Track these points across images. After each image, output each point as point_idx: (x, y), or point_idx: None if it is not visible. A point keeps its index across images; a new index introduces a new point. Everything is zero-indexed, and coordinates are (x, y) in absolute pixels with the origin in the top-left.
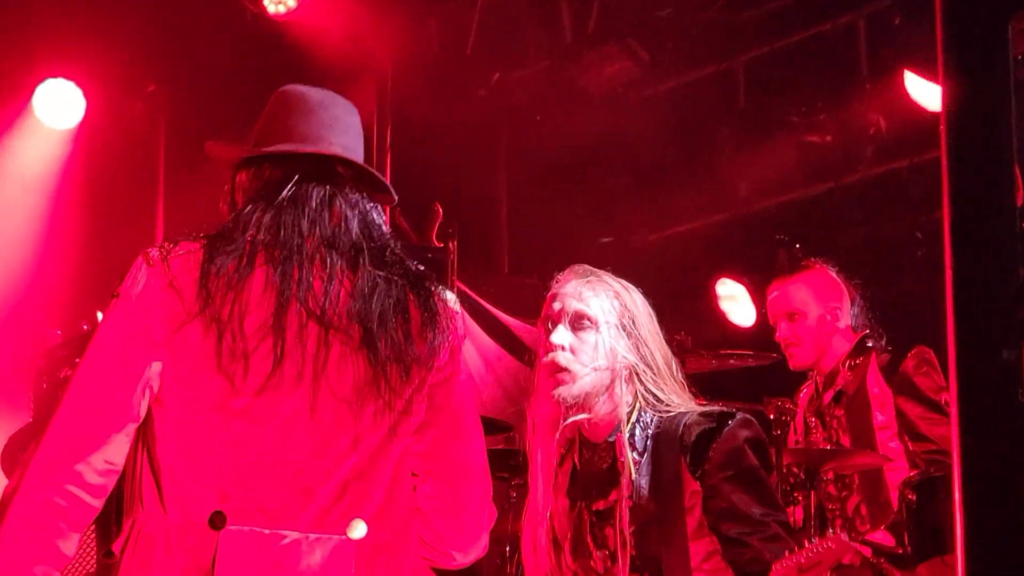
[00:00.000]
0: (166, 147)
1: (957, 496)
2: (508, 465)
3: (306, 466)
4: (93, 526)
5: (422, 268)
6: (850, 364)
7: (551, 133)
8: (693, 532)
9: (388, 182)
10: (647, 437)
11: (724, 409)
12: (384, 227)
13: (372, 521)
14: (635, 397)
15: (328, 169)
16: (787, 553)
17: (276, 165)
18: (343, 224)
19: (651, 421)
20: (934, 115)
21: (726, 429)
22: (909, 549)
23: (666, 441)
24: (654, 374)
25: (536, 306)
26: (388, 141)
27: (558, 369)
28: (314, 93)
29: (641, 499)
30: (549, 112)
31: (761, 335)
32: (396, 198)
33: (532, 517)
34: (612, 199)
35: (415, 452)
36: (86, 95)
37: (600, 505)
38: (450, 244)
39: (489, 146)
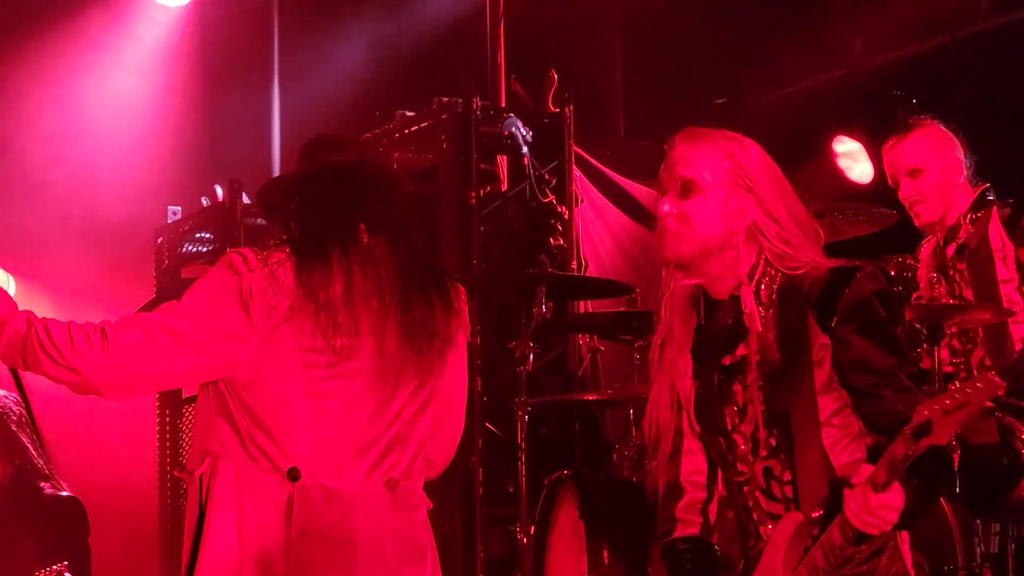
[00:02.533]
0: (280, 23)
1: None
2: (630, 327)
3: (362, 432)
4: None
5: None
6: (972, 217)
7: None
8: (821, 386)
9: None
10: (773, 292)
11: (851, 264)
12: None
13: (402, 476)
14: (759, 254)
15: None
16: (929, 398)
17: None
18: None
19: (777, 276)
20: None
21: (854, 281)
22: None
23: (793, 296)
24: (777, 230)
25: (653, 168)
26: (501, 8)
27: (667, 236)
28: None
29: (768, 353)
30: None
31: (880, 191)
32: None
33: (659, 376)
34: (726, 59)
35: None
36: None
37: (727, 360)
38: (566, 109)
39: (603, 9)
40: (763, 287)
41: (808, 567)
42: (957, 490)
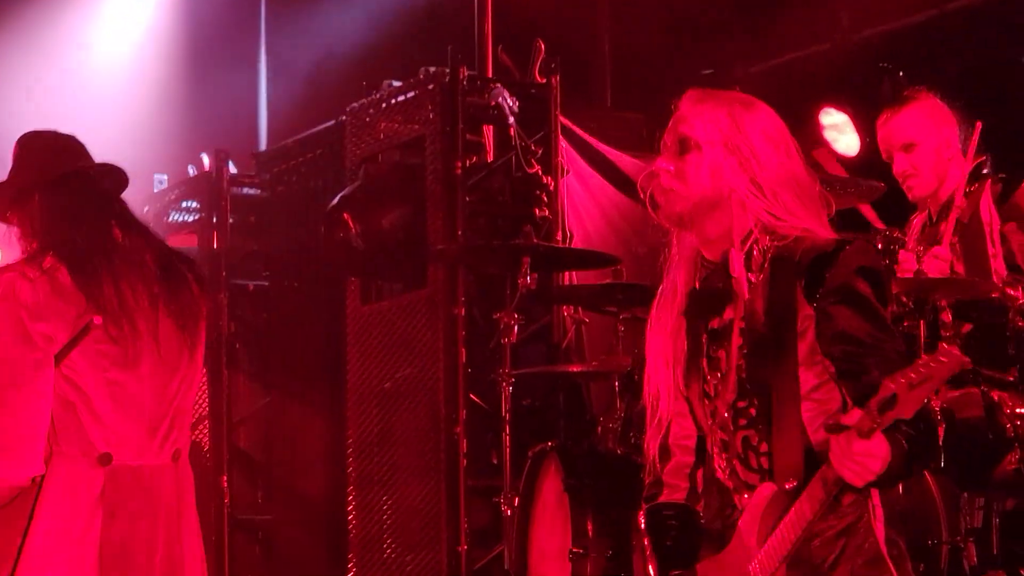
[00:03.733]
0: None
1: None
2: (615, 299)
3: (152, 413)
4: None
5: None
6: (965, 191)
7: None
8: (804, 358)
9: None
10: (764, 260)
11: (844, 236)
12: None
13: (183, 447)
14: (754, 220)
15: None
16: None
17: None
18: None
19: (771, 245)
20: None
21: (843, 253)
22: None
23: (784, 265)
24: (766, 196)
25: (639, 139)
26: None
27: (660, 192)
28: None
29: (755, 321)
30: None
31: (867, 164)
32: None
33: (654, 335)
34: (713, 31)
35: None
36: None
37: (715, 323)
38: (552, 80)
39: None
40: (756, 253)
41: (779, 537)
42: (942, 464)
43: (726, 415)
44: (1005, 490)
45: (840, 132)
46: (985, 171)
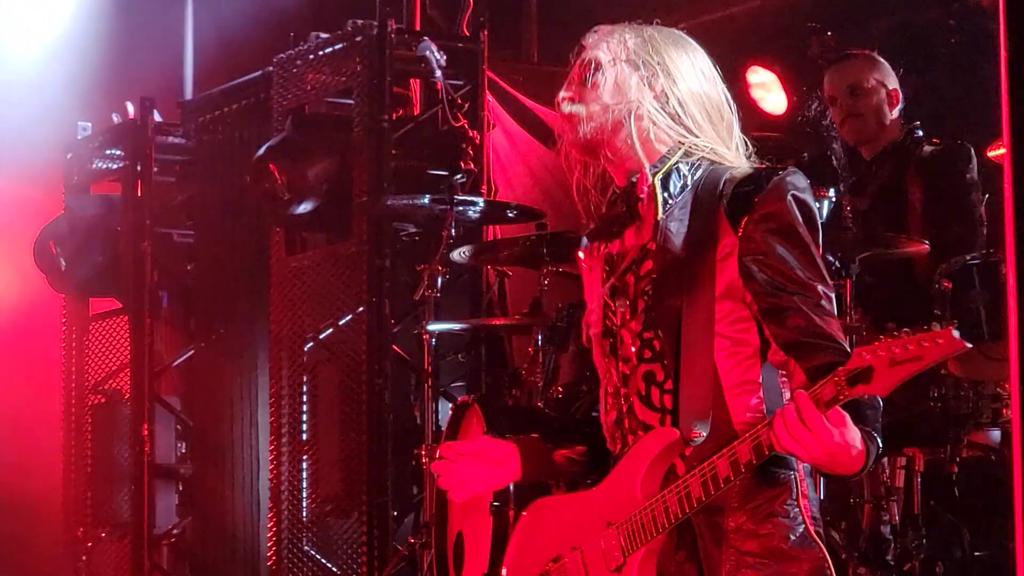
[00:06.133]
0: None
1: (1011, 276)
2: (539, 253)
3: None
4: None
5: None
6: (897, 151)
7: None
8: (721, 291)
9: None
10: (685, 184)
11: (775, 164)
12: None
13: None
14: (663, 138)
15: None
16: (878, 340)
17: None
18: None
19: (692, 170)
20: None
21: (775, 178)
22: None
23: (705, 189)
24: (674, 111)
25: None
26: None
27: (563, 119)
28: None
29: (668, 244)
30: None
31: (793, 123)
32: None
33: (587, 279)
34: None
35: None
36: None
37: (620, 247)
38: (480, 34)
39: None
40: (674, 176)
41: (680, 493)
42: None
43: (631, 346)
44: (927, 450)
45: (767, 91)
46: (919, 134)
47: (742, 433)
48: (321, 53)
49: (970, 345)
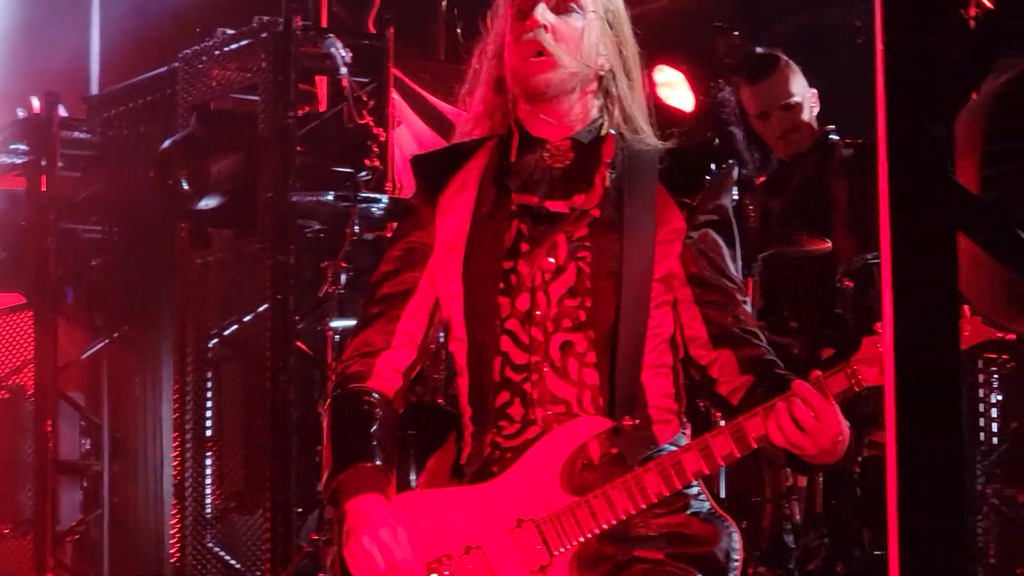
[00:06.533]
0: None
1: (886, 271)
2: None
3: None
4: None
5: None
6: (816, 151)
7: None
8: (661, 275)
9: None
10: (624, 155)
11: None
12: None
13: None
14: (603, 109)
15: None
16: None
17: None
18: None
19: (629, 139)
20: None
21: (725, 167)
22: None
23: (643, 162)
24: (630, 89)
25: None
26: None
27: (539, 50)
28: None
29: (608, 209)
30: None
31: (699, 122)
32: None
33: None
34: None
35: None
36: None
37: (557, 206)
38: (387, 31)
39: None
40: (613, 143)
41: (630, 488)
42: None
43: (550, 311)
44: None
45: (673, 90)
46: (834, 137)
47: (656, 417)
48: (227, 49)
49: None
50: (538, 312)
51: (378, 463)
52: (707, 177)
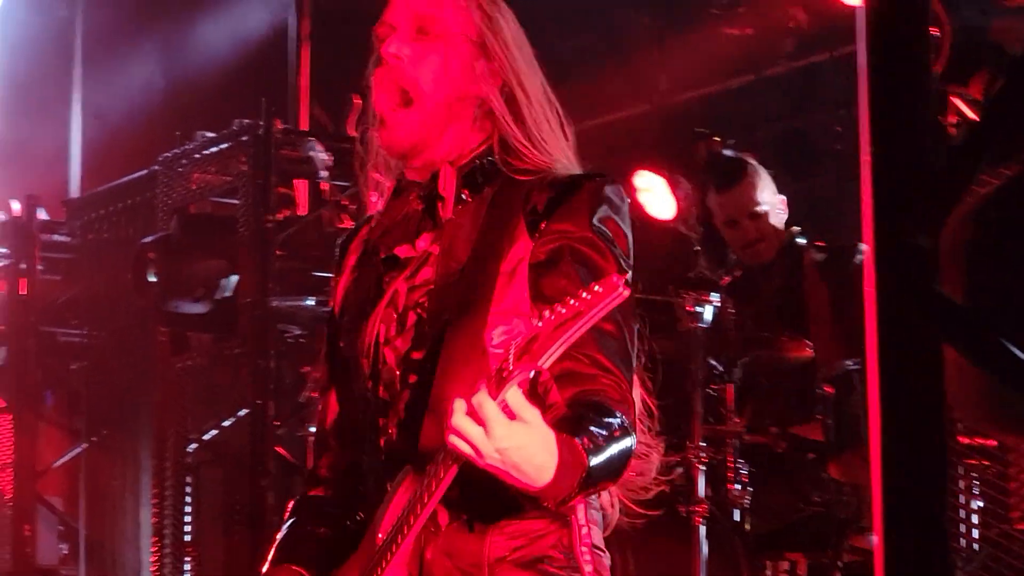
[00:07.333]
0: (83, 39)
1: (872, 383)
2: None
3: None
4: None
5: None
6: (786, 255)
7: None
8: (510, 305)
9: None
10: (487, 182)
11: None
12: None
13: None
14: (486, 137)
15: None
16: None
17: None
18: None
19: (501, 170)
20: (853, 9)
21: (587, 183)
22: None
23: (511, 193)
24: (519, 114)
25: None
26: (305, 31)
27: (395, 88)
28: None
29: (454, 251)
30: None
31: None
32: None
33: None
34: None
35: None
36: None
37: (403, 252)
38: (367, 134)
39: None
40: (479, 175)
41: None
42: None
43: (395, 368)
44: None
45: (653, 195)
46: (801, 240)
47: None
48: (207, 152)
49: (627, 293)
50: (382, 367)
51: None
52: (568, 196)
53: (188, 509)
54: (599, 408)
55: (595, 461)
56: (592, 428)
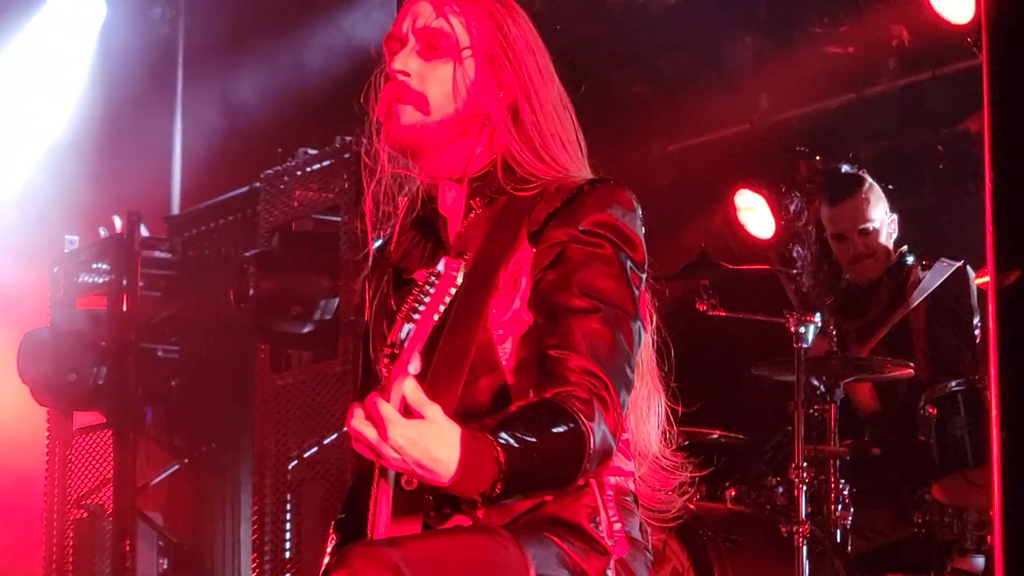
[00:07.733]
0: (184, 55)
1: (994, 412)
2: None
3: None
4: None
5: None
6: (893, 275)
7: (570, 44)
8: (514, 315)
9: None
10: (496, 195)
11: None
12: None
13: None
14: (495, 151)
15: None
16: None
17: None
18: None
19: (509, 185)
20: (956, 27)
21: (593, 189)
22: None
23: (517, 204)
24: (527, 131)
25: None
26: None
27: (401, 97)
28: None
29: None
30: (569, 22)
31: (779, 247)
32: None
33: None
34: (631, 109)
35: None
36: None
37: (421, 276)
38: None
39: None
40: (489, 189)
41: None
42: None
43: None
44: None
45: (754, 214)
46: (909, 260)
47: None
48: (308, 169)
49: (460, 281)
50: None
51: None
52: (573, 200)
53: (288, 526)
54: (541, 407)
55: (514, 457)
56: (519, 424)
